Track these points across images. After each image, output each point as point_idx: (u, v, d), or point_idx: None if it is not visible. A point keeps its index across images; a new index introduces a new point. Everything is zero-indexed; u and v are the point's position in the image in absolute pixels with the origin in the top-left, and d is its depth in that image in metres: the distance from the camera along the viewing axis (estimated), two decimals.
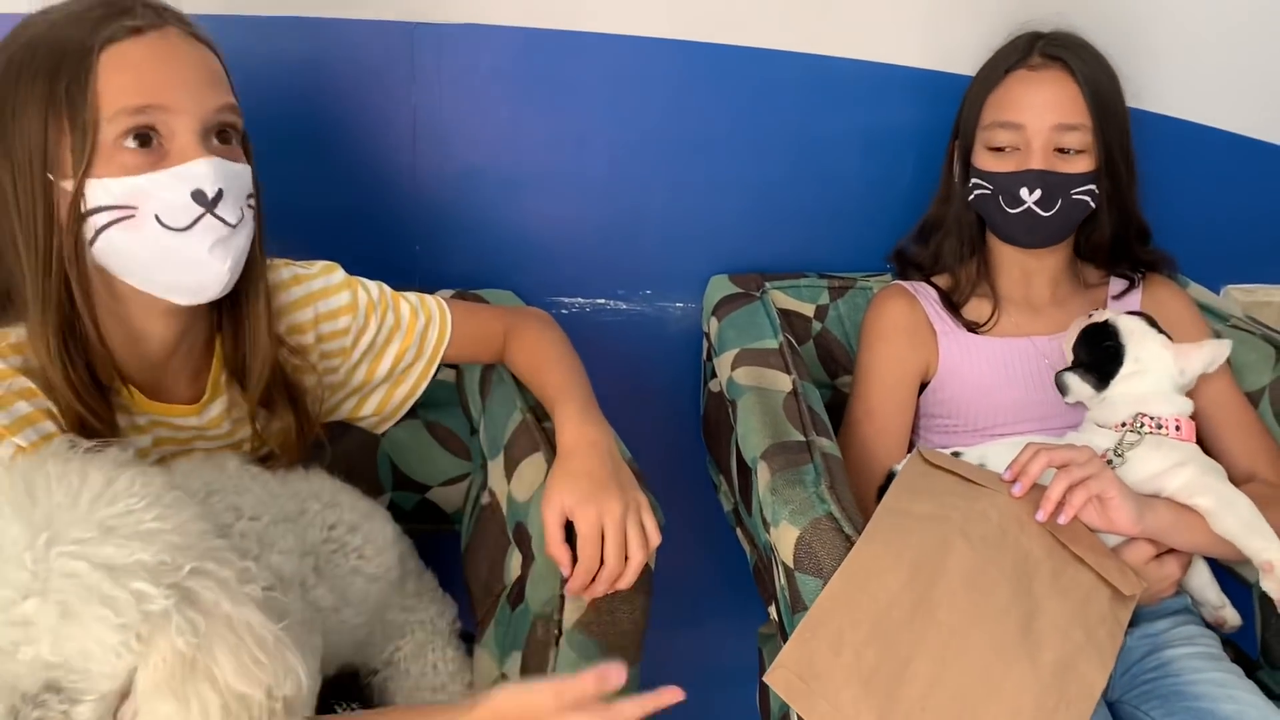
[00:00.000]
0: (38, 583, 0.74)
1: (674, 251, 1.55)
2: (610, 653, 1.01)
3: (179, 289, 0.96)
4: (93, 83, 0.88)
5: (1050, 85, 1.33)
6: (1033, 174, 1.32)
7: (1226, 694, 1.16)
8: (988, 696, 1.02)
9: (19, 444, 0.89)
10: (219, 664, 0.78)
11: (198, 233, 0.93)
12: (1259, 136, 1.64)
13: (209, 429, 1.08)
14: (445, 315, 1.23)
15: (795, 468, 1.15)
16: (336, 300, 1.16)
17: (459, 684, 1.18)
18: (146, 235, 0.91)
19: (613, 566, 1.00)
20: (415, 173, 1.45)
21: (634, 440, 1.27)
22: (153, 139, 0.91)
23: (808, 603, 1.07)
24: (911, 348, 1.40)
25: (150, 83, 0.90)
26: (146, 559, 0.77)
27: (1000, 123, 1.34)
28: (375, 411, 1.23)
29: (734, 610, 1.63)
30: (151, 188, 0.90)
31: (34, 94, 0.89)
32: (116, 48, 0.90)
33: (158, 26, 0.93)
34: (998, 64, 1.38)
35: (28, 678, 0.75)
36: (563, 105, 1.46)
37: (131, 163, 0.90)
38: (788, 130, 1.53)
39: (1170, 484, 1.20)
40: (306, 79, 1.38)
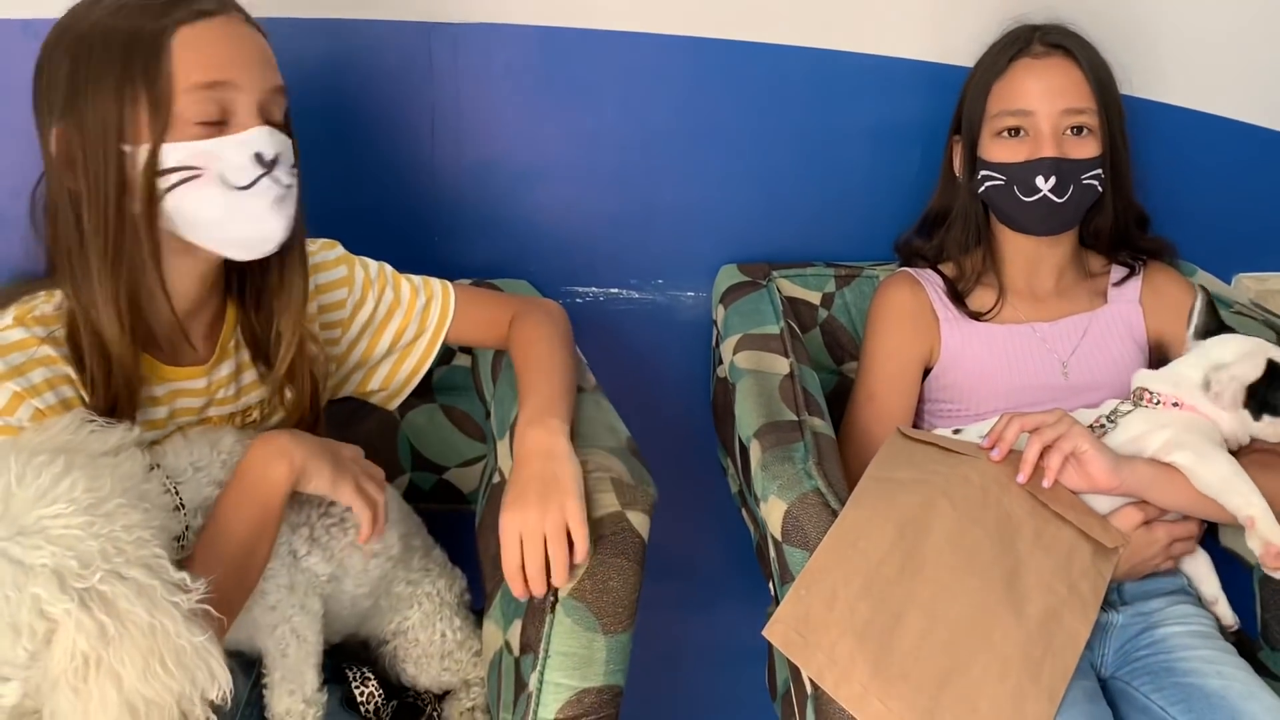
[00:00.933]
0: None
1: (685, 242, 1.60)
2: (603, 619, 1.05)
3: (240, 243, 1.06)
4: (167, 60, 0.98)
5: (1056, 71, 1.36)
6: (1047, 161, 1.34)
7: (1215, 670, 1.18)
8: (976, 647, 1.06)
9: (38, 406, 0.97)
10: (125, 667, 0.82)
11: (259, 191, 1.03)
12: (1270, 125, 1.64)
13: (216, 390, 1.15)
14: (449, 296, 1.29)
15: (785, 445, 1.19)
16: (333, 274, 1.23)
17: (466, 652, 1.24)
18: (212, 193, 1.01)
19: (531, 574, 1.05)
20: (433, 167, 1.51)
21: (647, 426, 1.32)
22: (222, 112, 1.02)
23: (794, 574, 1.11)
24: (915, 334, 1.43)
25: (219, 61, 1.01)
26: (50, 564, 0.81)
27: (1010, 111, 1.37)
28: (382, 386, 1.30)
29: (743, 592, 1.66)
30: (217, 150, 1.01)
31: (108, 72, 0.98)
32: (189, 29, 1.00)
33: (223, 11, 1.03)
34: (999, 55, 1.41)
35: None
36: (576, 101, 1.51)
37: (200, 132, 1.00)
38: (796, 123, 1.57)
39: (1151, 444, 1.23)
40: (328, 78, 1.44)
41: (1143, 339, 1.44)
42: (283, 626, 1.08)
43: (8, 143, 1.36)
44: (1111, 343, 1.43)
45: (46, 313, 1.03)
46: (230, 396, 1.16)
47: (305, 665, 1.07)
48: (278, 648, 1.07)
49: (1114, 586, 1.31)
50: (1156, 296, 1.44)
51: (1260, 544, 1.18)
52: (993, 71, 1.40)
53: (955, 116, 1.47)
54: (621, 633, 1.06)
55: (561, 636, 1.05)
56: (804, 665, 1.06)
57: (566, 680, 1.04)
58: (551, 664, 1.04)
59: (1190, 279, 1.51)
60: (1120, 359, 1.42)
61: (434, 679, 1.23)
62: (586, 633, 1.05)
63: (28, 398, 0.97)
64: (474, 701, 1.23)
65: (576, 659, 1.04)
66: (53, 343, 1.01)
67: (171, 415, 1.12)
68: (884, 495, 1.13)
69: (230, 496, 1.04)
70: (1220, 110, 1.63)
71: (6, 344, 1.00)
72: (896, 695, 1.03)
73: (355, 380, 1.29)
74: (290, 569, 1.07)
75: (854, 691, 1.04)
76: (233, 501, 1.04)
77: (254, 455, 1.06)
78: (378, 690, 1.19)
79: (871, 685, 1.03)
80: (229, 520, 1.03)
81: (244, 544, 1.02)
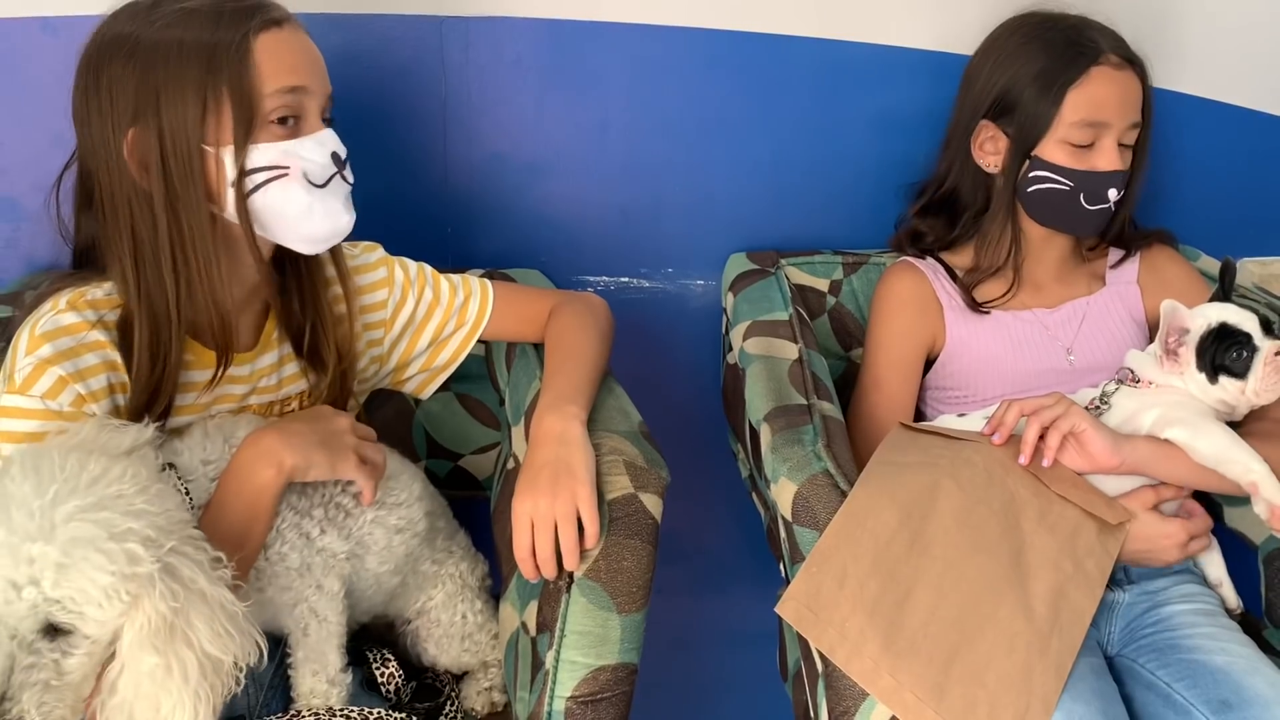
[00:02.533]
0: (45, 530, 0.85)
1: (694, 231, 1.62)
2: (618, 598, 1.08)
3: (314, 238, 1.12)
4: (251, 66, 1.04)
5: (1131, 85, 1.37)
6: (1119, 175, 1.36)
7: (1219, 646, 1.20)
8: (984, 623, 1.08)
9: (80, 392, 1.01)
10: (195, 629, 0.89)
11: (334, 188, 1.10)
12: (1274, 111, 1.65)
13: (258, 380, 1.18)
14: (487, 292, 1.33)
15: (795, 428, 1.21)
16: (373, 275, 1.27)
17: (486, 634, 1.26)
18: (297, 190, 1.08)
19: (542, 558, 1.08)
20: (446, 159, 1.53)
21: (658, 413, 1.34)
22: (291, 116, 1.07)
23: (805, 554, 1.13)
24: (918, 322, 1.45)
25: (295, 66, 1.08)
26: (137, 528, 0.88)
27: (1090, 122, 1.35)
28: (416, 377, 1.34)
29: (754, 575, 1.69)
30: (300, 150, 1.08)
31: (188, 79, 1.03)
32: (267, 36, 1.05)
33: (289, 20, 1.09)
34: (1071, 59, 1.36)
35: (28, 619, 0.86)
36: (585, 92, 1.53)
37: (278, 133, 1.06)
38: (804, 113, 1.58)
39: (1144, 422, 1.25)
40: (341, 72, 1.44)
41: (1142, 318, 1.46)
42: (300, 606, 1.10)
43: (30, 139, 1.39)
44: (1112, 325, 1.45)
45: (98, 298, 1.07)
46: (272, 386, 1.20)
47: (327, 646, 1.10)
48: (298, 627, 1.10)
49: (1121, 566, 1.33)
50: (1154, 275, 1.46)
51: (1266, 508, 1.19)
52: (1068, 75, 1.36)
53: (978, 103, 1.43)
54: (636, 612, 1.08)
55: (577, 616, 1.07)
56: (815, 641, 1.08)
57: (582, 658, 1.06)
58: (568, 643, 1.07)
59: (1193, 263, 1.52)
60: (1122, 340, 1.43)
61: (454, 660, 1.25)
62: (601, 612, 1.07)
63: (72, 383, 1.01)
64: (491, 682, 1.26)
65: (592, 638, 1.07)
66: (103, 327, 1.05)
67: (214, 401, 1.15)
68: (891, 476, 1.16)
69: (218, 495, 1.07)
70: (1225, 97, 1.65)
71: (59, 328, 1.03)
72: (906, 669, 1.05)
73: (395, 376, 1.34)
74: (303, 551, 1.10)
75: (865, 666, 1.06)
76: (219, 500, 1.06)
77: (241, 457, 1.08)
78: (398, 671, 1.21)
79: (882, 660, 1.06)
80: (215, 518, 1.05)
81: (229, 540, 1.03)
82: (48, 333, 1.02)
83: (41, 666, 0.87)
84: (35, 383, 1.00)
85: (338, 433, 1.14)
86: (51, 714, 0.87)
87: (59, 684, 0.88)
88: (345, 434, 1.15)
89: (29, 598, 0.85)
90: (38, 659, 0.87)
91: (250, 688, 1.11)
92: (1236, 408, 1.29)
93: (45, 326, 1.03)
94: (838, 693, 1.10)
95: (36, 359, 1.01)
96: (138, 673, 0.88)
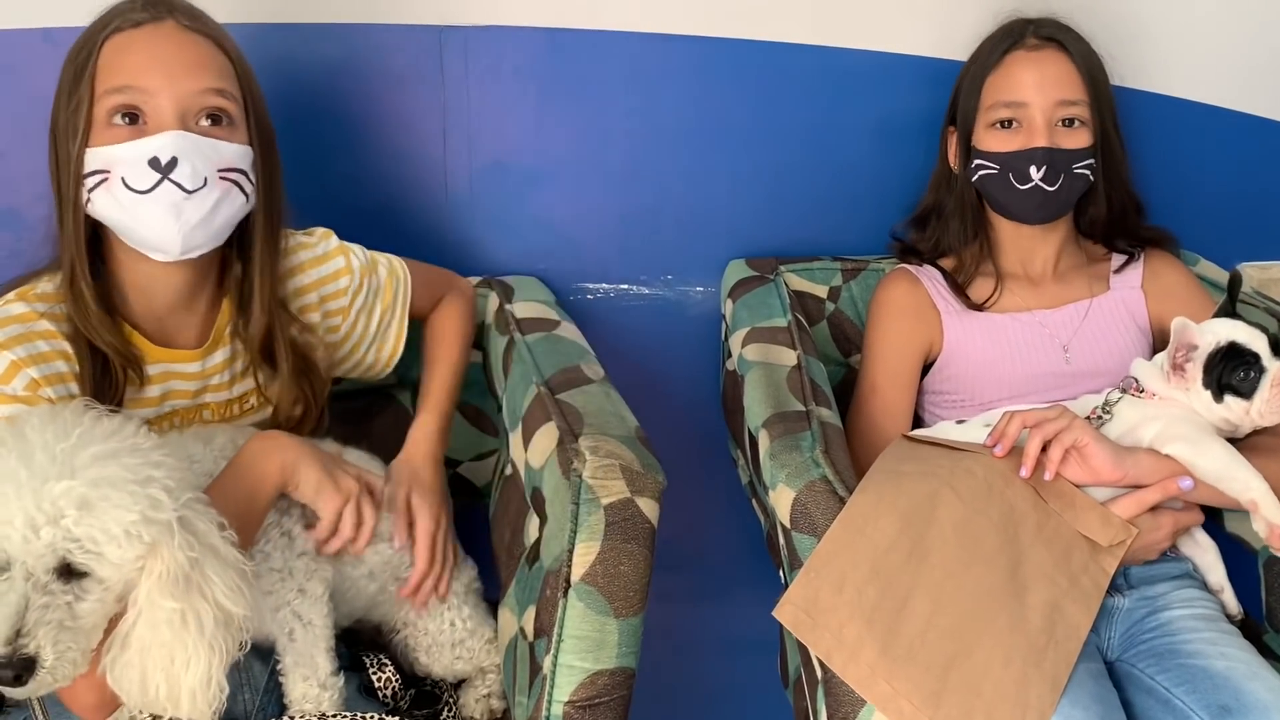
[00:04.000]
0: (67, 471, 0.87)
1: (693, 238, 1.62)
2: (615, 602, 1.07)
3: (149, 245, 1.08)
4: (93, 68, 1.04)
5: (1049, 63, 1.39)
6: (1040, 151, 1.37)
7: (1219, 651, 1.19)
8: (981, 633, 1.08)
9: (34, 376, 1.02)
10: (209, 583, 0.92)
11: (157, 195, 1.05)
12: (1271, 116, 1.65)
13: (210, 376, 1.19)
14: (407, 276, 1.36)
15: (793, 434, 1.21)
16: (334, 264, 1.28)
17: (479, 640, 1.26)
18: (117, 196, 1.05)
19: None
20: (445, 167, 1.54)
21: (658, 420, 1.34)
22: (139, 117, 1.05)
23: (804, 560, 1.13)
24: (915, 328, 1.46)
25: (133, 67, 1.05)
26: (158, 476, 0.90)
27: (1005, 102, 1.40)
28: (368, 366, 1.36)
29: (755, 582, 1.68)
30: (121, 154, 1.05)
31: (66, 77, 1.07)
32: (117, 38, 1.06)
33: (156, 20, 1.07)
34: (993, 48, 1.43)
35: (45, 558, 0.87)
36: (584, 100, 1.54)
37: (118, 136, 1.05)
38: (802, 120, 1.59)
39: (1146, 435, 1.25)
40: (342, 82, 1.48)
41: (1145, 324, 1.46)
42: (284, 610, 1.11)
43: (31, 150, 1.39)
44: (1114, 328, 1.45)
45: (48, 291, 1.09)
46: (224, 383, 1.20)
47: (315, 649, 1.10)
48: (283, 632, 1.10)
49: (1120, 570, 1.33)
50: (1157, 282, 1.46)
51: (1265, 526, 1.19)
52: (987, 64, 1.43)
53: (950, 109, 1.50)
54: (633, 616, 1.08)
55: (575, 620, 1.07)
56: (812, 646, 1.08)
57: (580, 663, 1.06)
58: (565, 647, 1.07)
59: (1193, 268, 1.52)
60: (1123, 345, 1.43)
61: (447, 668, 1.25)
62: (599, 616, 1.07)
63: (24, 366, 1.02)
64: (489, 688, 1.26)
65: (590, 642, 1.07)
66: (51, 318, 1.07)
67: (165, 396, 1.16)
68: (891, 484, 1.15)
69: (219, 482, 1.07)
70: (1222, 102, 1.65)
71: (7, 317, 1.05)
72: (903, 677, 1.05)
73: (347, 364, 1.35)
74: (285, 552, 1.10)
75: (861, 673, 1.06)
76: (220, 487, 1.07)
77: (251, 446, 1.10)
78: (395, 677, 1.21)
79: (879, 666, 1.05)
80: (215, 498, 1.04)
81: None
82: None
83: (56, 607, 0.88)
84: None
85: (340, 471, 1.16)
86: (65, 655, 0.88)
87: (73, 626, 0.89)
88: (346, 476, 1.16)
89: (47, 537, 0.86)
90: (52, 600, 0.88)
91: (246, 693, 1.12)
92: (1240, 427, 1.28)
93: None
94: (837, 699, 1.10)
95: None
96: (155, 620, 0.90)
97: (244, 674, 1.13)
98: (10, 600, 0.87)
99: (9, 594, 0.87)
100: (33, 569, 0.87)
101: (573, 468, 1.11)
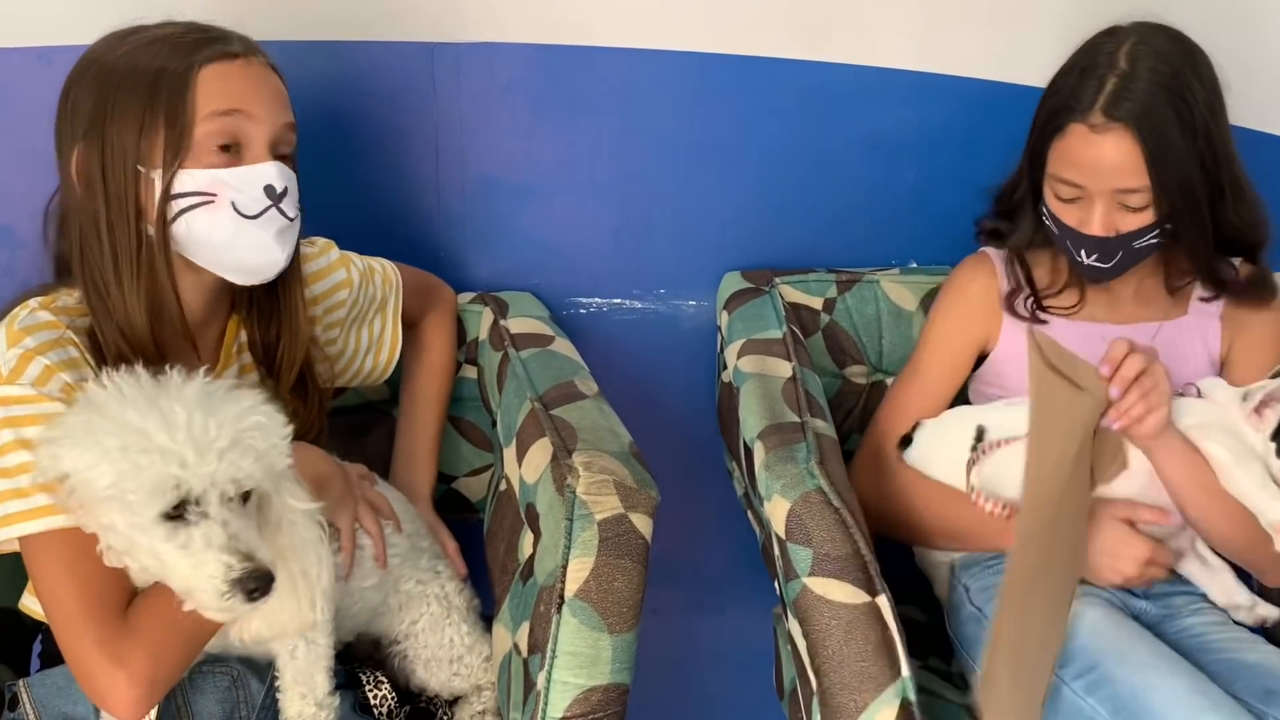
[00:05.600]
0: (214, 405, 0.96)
1: (686, 252, 1.62)
2: (609, 618, 1.07)
3: (242, 269, 1.12)
4: (191, 92, 1.06)
5: (1110, 150, 1.25)
6: (1092, 240, 1.29)
7: (1249, 646, 1.26)
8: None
9: (68, 381, 1.02)
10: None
11: (265, 221, 1.10)
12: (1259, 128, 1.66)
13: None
14: (399, 281, 1.39)
15: (788, 445, 1.21)
16: (335, 277, 1.30)
17: (476, 657, 1.26)
18: (223, 219, 1.08)
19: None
20: (438, 184, 1.54)
21: (653, 434, 1.34)
22: (238, 145, 1.09)
23: (798, 571, 1.13)
24: (974, 320, 1.43)
25: (238, 93, 1.09)
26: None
27: (1062, 179, 1.30)
28: (367, 374, 1.38)
29: (751, 594, 1.68)
30: (231, 179, 1.08)
31: (133, 100, 1.06)
32: (215, 66, 1.08)
33: (246, 54, 1.11)
34: (1064, 102, 1.29)
35: (236, 482, 0.95)
36: (576, 116, 1.55)
37: (215, 160, 1.08)
38: (794, 134, 1.59)
39: (1183, 421, 1.25)
40: (335, 99, 1.48)
41: (1217, 353, 1.40)
42: None
43: (26, 167, 1.40)
44: (1183, 352, 1.38)
45: (69, 304, 1.09)
46: None
47: (315, 668, 1.09)
48: (286, 649, 1.09)
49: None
50: (1239, 315, 1.39)
51: None
52: (1054, 124, 1.29)
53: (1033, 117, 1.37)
54: (626, 632, 1.08)
55: (568, 636, 1.07)
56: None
57: (574, 679, 1.06)
58: (559, 663, 1.06)
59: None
60: (1190, 370, 1.37)
61: (444, 684, 1.25)
62: (592, 632, 1.07)
63: (59, 371, 1.02)
64: (484, 705, 1.25)
65: (583, 658, 1.06)
66: (74, 331, 1.07)
67: None
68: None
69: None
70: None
71: (38, 323, 1.05)
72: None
73: (347, 373, 1.36)
74: None
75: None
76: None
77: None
78: (390, 694, 1.21)
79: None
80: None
81: None
82: (27, 327, 1.04)
83: (250, 526, 0.96)
84: (24, 371, 1.01)
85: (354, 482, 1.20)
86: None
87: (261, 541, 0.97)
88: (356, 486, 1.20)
89: (233, 461, 0.93)
90: (248, 519, 0.96)
91: (244, 710, 1.11)
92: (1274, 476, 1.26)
93: (25, 322, 1.05)
94: (831, 710, 1.10)
95: (21, 349, 1.02)
96: (296, 523, 1.01)
97: (241, 691, 1.12)
98: (229, 526, 0.92)
99: (218, 522, 0.92)
100: (228, 494, 0.93)
101: (566, 483, 1.11)
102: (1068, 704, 1.16)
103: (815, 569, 1.13)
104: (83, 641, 0.99)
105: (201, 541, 0.92)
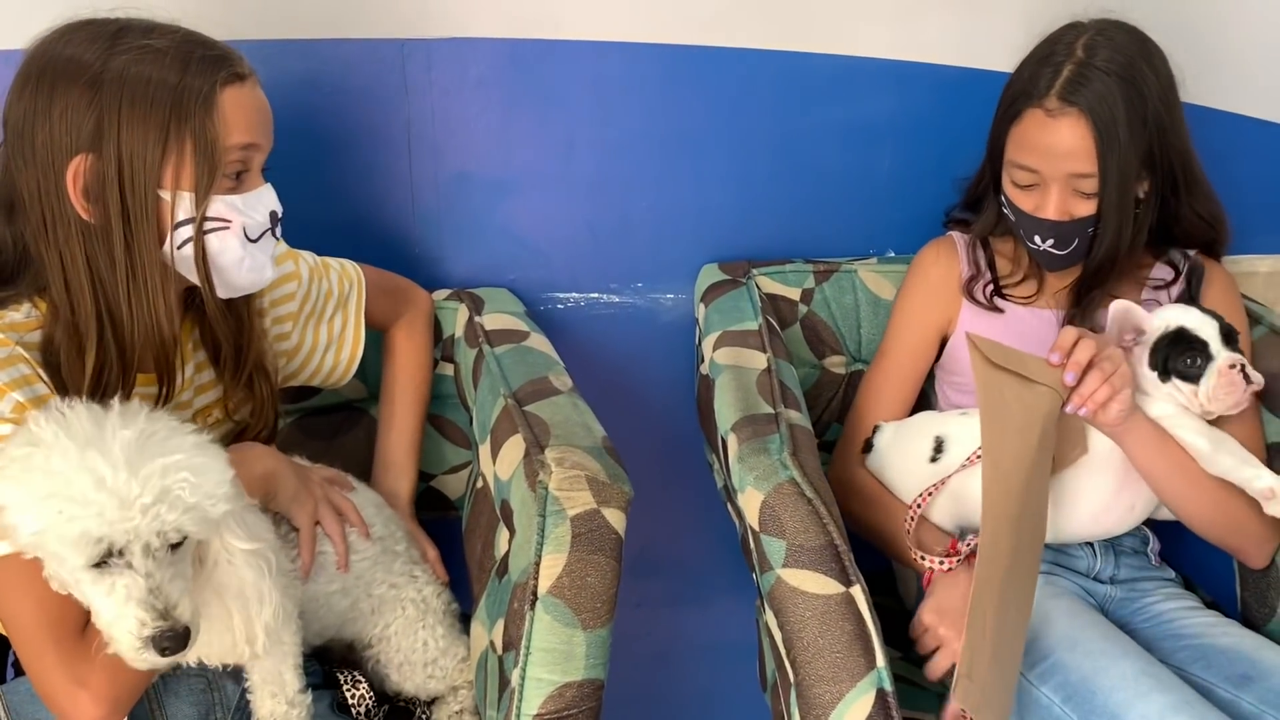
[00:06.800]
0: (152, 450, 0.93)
1: (663, 245, 1.62)
2: (582, 614, 1.07)
3: (233, 286, 1.13)
4: (216, 120, 1.05)
5: (1065, 132, 1.27)
6: (1047, 224, 1.31)
7: (1221, 630, 1.27)
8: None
9: (19, 400, 1.01)
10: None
11: (264, 244, 1.13)
12: (1236, 110, 1.66)
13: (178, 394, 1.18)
14: (362, 281, 1.37)
15: (761, 437, 1.21)
16: (283, 269, 1.28)
17: (451, 659, 1.25)
18: (233, 244, 1.09)
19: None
20: (411, 180, 1.54)
21: (633, 428, 1.34)
22: (242, 172, 1.10)
23: (772, 564, 1.13)
24: (935, 303, 1.46)
25: (254, 125, 1.10)
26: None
27: (1018, 164, 1.32)
28: (328, 372, 1.37)
29: (732, 587, 1.69)
30: (243, 206, 1.09)
31: (152, 118, 1.03)
32: (231, 92, 1.06)
33: (251, 75, 1.10)
34: (1023, 88, 1.31)
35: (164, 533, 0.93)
36: (549, 110, 1.54)
37: (226, 185, 1.08)
38: (768, 124, 1.59)
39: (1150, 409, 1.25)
40: (306, 97, 1.47)
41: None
42: None
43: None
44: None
45: (16, 320, 1.07)
46: (186, 401, 1.20)
47: (283, 666, 1.09)
48: None
49: (1105, 568, 1.36)
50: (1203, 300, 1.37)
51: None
52: (1012, 111, 1.32)
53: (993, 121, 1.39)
54: (600, 628, 1.08)
55: (542, 633, 1.07)
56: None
57: (548, 675, 1.06)
58: (533, 660, 1.06)
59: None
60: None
61: (419, 686, 1.24)
62: (566, 629, 1.06)
63: (9, 390, 1.01)
64: (462, 704, 1.25)
65: (557, 654, 1.06)
66: (24, 347, 1.05)
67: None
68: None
69: None
70: (1197, 99, 1.64)
71: None
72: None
73: (305, 372, 1.35)
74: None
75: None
76: None
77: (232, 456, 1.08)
78: (369, 693, 1.20)
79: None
80: None
81: None
82: None
83: (179, 575, 0.94)
84: None
85: (313, 482, 1.19)
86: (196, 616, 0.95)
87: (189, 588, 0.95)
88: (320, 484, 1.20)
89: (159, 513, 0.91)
90: (175, 569, 0.94)
91: (219, 712, 1.11)
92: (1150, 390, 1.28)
93: None
94: (808, 702, 1.10)
95: None
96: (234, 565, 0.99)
97: (216, 694, 1.12)
98: (152, 579, 0.91)
99: (140, 576, 0.91)
100: (153, 546, 0.91)
101: (539, 479, 1.11)
102: (1024, 693, 1.17)
103: (789, 560, 1.13)
104: (43, 664, 0.99)
105: (123, 593, 0.91)
